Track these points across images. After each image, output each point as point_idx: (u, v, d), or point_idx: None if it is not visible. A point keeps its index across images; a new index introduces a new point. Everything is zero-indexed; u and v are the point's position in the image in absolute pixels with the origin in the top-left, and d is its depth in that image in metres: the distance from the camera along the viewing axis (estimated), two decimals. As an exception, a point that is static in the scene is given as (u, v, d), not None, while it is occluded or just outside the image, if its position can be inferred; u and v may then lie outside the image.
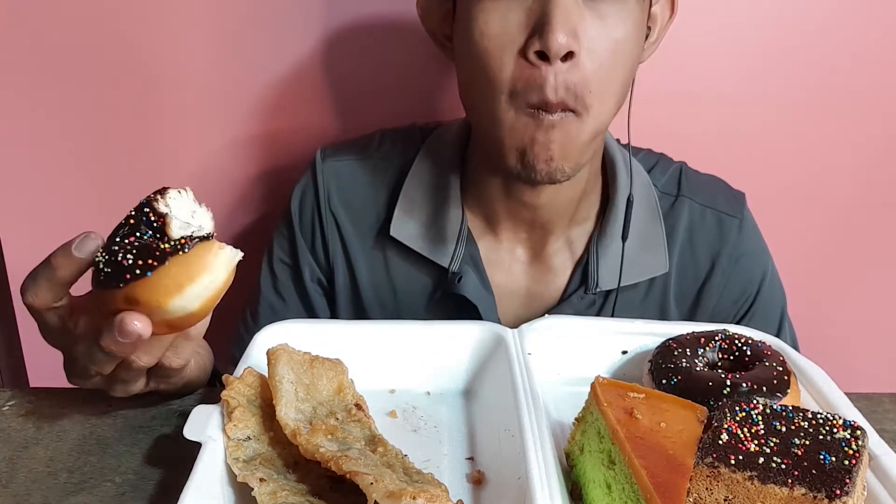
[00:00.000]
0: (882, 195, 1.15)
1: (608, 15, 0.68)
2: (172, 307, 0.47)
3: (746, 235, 0.87)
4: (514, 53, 0.68)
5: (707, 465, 0.46)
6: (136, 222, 0.49)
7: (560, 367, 0.68)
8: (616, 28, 0.68)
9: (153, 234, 0.49)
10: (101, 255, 0.49)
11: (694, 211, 0.87)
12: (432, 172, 0.85)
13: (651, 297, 0.85)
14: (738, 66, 1.06)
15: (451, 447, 0.59)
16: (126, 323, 0.48)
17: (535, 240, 0.84)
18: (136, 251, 0.47)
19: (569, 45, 0.66)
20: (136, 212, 0.50)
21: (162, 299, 0.47)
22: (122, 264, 0.46)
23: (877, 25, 1.05)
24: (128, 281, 0.46)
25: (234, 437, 0.53)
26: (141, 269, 0.46)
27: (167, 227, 0.48)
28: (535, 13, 0.67)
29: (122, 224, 0.50)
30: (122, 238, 0.49)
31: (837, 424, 0.49)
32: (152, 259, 0.46)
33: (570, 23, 0.66)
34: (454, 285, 0.81)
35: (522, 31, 0.68)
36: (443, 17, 0.78)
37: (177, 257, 0.47)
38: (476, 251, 0.84)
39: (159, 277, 0.46)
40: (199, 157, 1.10)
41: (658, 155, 0.92)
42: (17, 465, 0.59)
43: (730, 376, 0.59)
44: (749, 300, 0.87)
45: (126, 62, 1.05)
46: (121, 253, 0.47)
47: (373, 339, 0.67)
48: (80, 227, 1.17)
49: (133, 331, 0.48)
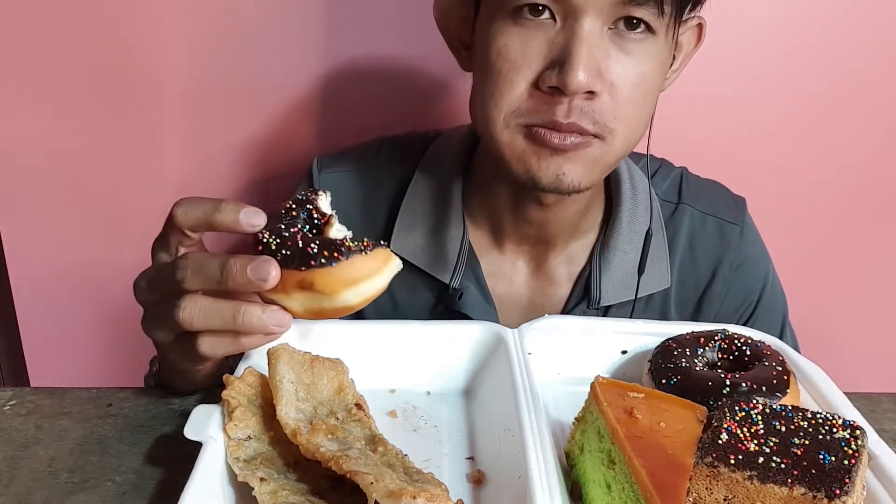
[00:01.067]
0: (881, 198, 1.15)
1: (635, 52, 0.67)
2: (340, 298, 0.53)
3: (747, 242, 0.87)
4: (528, 81, 0.67)
5: (707, 464, 0.46)
6: (297, 216, 0.56)
7: (560, 367, 0.68)
8: (643, 65, 0.67)
9: (310, 229, 0.55)
10: (269, 235, 0.53)
11: (695, 219, 0.86)
12: (433, 185, 0.84)
13: (652, 306, 0.85)
14: (739, 71, 1.07)
15: (451, 447, 0.59)
16: (266, 262, 0.52)
17: (538, 252, 0.84)
18: (320, 243, 0.52)
19: (589, 84, 0.65)
20: (296, 206, 0.57)
21: (336, 289, 0.53)
22: (306, 251, 0.52)
23: (876, 30, 1.05)
24: (311, 267, 0.52)
25: (235, 436, 0.53)
26: (326, 260, 0.52)
27: (329, 226, 0.56)
28: (558, 46, 0.65)
29: (284, 214, 0.56)
30: (286, 226, 0.54)
31: (837, 424, 0.49)
32: (338, 253, 0.52)
33: (594, 60, 0.65)
34: (455, 302, 0.81)
35: (541, 60, 0.66)
36: (461, 22, 0.76)
37: (359, 256, 0.53)
38: (477, 265, 0.83)
39: (340, 270, 0.52)
40: (195, 162, 1.10)
41: (659, 161, 0.91)
42: (18, 464, 0.59)
43: (729, 376, 0.59)
44: (751, 307, 0.87)
45: (125, 65, 1.05)
46: (300, 240, 0.53)
47: (373, 339, 0.67)
48: (79, 227, 1.18)
49: (268, 270, 0.51)
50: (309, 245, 0.53)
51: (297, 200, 0.58)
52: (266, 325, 0.54)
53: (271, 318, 0.53)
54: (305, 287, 0.53)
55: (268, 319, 0.53)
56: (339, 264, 0.52)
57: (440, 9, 0.77)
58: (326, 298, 0.53)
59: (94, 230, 1.13)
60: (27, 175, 1.10)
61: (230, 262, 0.53)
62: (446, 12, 0.77)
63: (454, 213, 0.82)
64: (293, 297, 0.54)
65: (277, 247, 0.53)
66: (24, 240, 1.13)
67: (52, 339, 1.20)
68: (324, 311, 0.54)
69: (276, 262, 0.53)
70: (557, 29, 0.66)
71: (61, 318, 1.18)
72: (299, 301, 0.54)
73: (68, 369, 1.21)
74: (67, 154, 1.09)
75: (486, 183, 0.82)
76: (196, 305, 0.54)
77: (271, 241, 0.53)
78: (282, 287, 0.53)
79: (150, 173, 1.11)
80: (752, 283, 0.87)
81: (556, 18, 0.66)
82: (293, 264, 0.52)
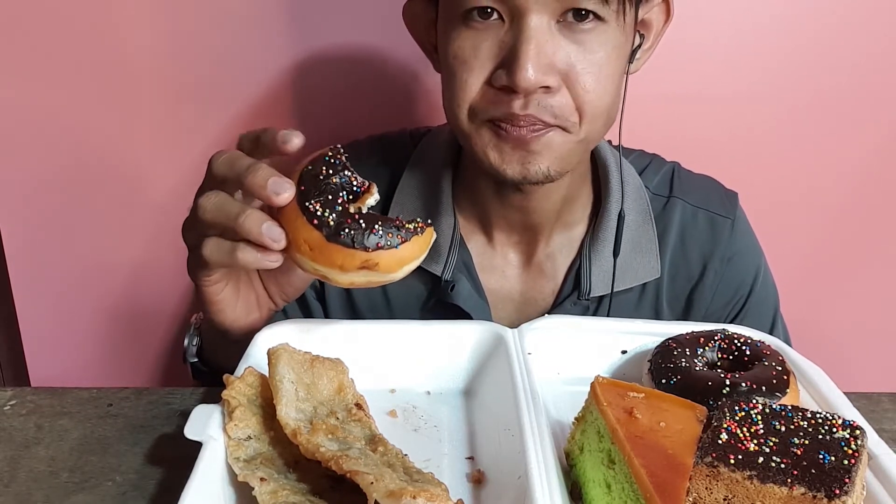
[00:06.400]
0: (878, 194, 1.15)
1: (587, 41, 0.67)
2: (394, 275, 0.56)
3: (738, 235, 0.87)
4: (482, 81, 0.69)
5: (706, 464, 0.46)
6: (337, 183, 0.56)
7: (560, 367, 0.68)
8: (596, 53, 0.68)
9: (347, 194, 0.56)
10: (322, 209, 0.54)
11: (686, 212, 0.86)
12: (423, 179, 0.85)
13: (644, 300, 0.85)
14: (733, 68, 1.07)
15: (451, 447, 0.59)
16: (286, 182, 0.54)
17: (528, 243, 0.84)
18: (382, 224, 0.55)
19: (540, 80, 0.66)
20: (332, 171, 0.56)
21: (395, 268, 0.56)
22: (372, 232, 0.54)
23: (871, 28, 1.06)
24: (378, 248, 0.54)
25: (235, 436, 0.53)
26: (390, 242, 0.55)
27: (369, 194, 0.57)
28: (507, 46, 0.67)
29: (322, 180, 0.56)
30: (332, 197, 0.55)
31: (836, 424, 0.49)
32: (401, 236, 0.55)
33: (544, 56, 0.66)
34: (447, 294, 0.81)
35: (493, 61, 0.68)
36: (428, 26, 0.77)
37: (416, 237, 0.56)
38: (469, 257, 0.83)
39: (402, 251, 0.55)
40: (195, 162, 1.10)
41: (651, 156, 0.92)
42: (19, 464, 0.59)
43: (729, 376, 0.59)
44: (742, 300, 0.87)
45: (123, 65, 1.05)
46: (361, 220, 0.54)
47: (373, 339, 0.67)
48: (79, 226, 1.18)
49: (284, 188, 0.54)
50: (373, 226, 0.54)
51: (330, 164, 0.57)
52: (261, 234, 0.54)
53: (269, 230, 0.54)
54: (370, 267, 0.55)
55: (265, 230, 0.54)
56: (403, 246, 0.55)
57: (409, 14, 0.80)
58: (382, 276, 0.56)
59: (95, 230, 1.13)
60: (27, 175, 1.10)
61: (257, 164, 0.55)
62: (414, 17, 0.79)
63: (444, 206, 0.83)
64: (348, 273, 0.55)
65: (337, 224, 0.54)
66: (24, 239, 1.13)
67: (52, 339, 1.20)
68: (370, 283, 0.57)
69: (293, 186, 0.55)
70: (506, 29, 0.67)
71: (61, 318, 1.18)
72: (351, 277, 0.56)
73: (68, 369, 1.21)
74: (67, 154, 1.09)
75: (472, 175, 0.83)
76: (216, 197, 0.57)
77: (327, 216, 0.54)
78: (341, 264, 0.55)
79: (150, 174, 1.11)
80: (743, 277, 0.87)
81: (504, 19, 0.67)
82: (359, 244, 0.54)
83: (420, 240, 0.57)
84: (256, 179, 0.55)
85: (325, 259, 0.55)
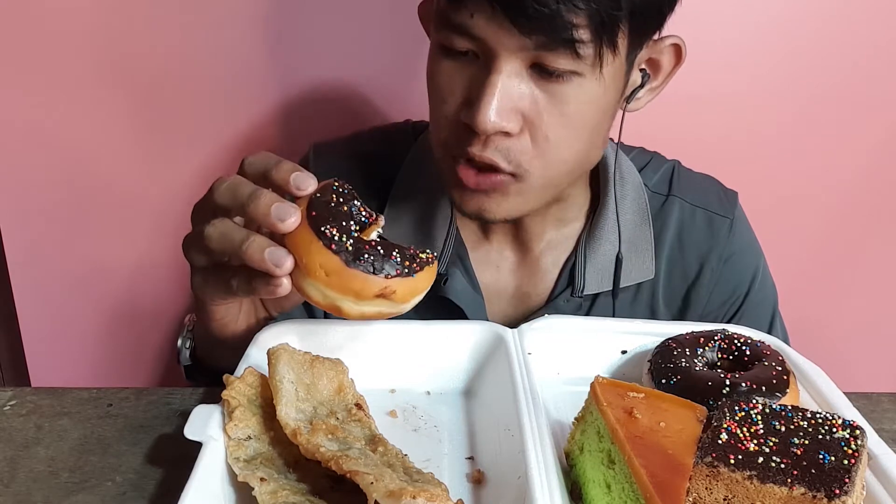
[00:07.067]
0: (878, 194, 1.15)
1: (558, 93, 0.66)
2: (405, 305, 0.56)
3: (737, 235, 0.87)
4: (451, 112, 0.68)
5: (706, 464, 0.46)
6: (349, 212, 0.56)
7: (560, 367, 0.68)
8: (567, 105, 0.66)
9: (355, 224, 0.56)
10: (339, 235, 0.54)
11: (684, 211, 0.86)
12: (422, 171, 0.85)
13: (640, 299, 0.85)
14: (733, 68, 1.07)
15: (451, 447, 0.59)
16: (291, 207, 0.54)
17: (523, 239, 0.84)
18: (399, 253, 0.55)
19: (500, 125, 0.64)
20: (342, 200, 0.56)
21: (408, 297, 0.56)
22: (391, 259, 0.54)
23: (871, 28, 1.06)
24: (396, 276, 0.54)
25: (235, 436, 0.53)
26: (408, 270, 0.55)
27: (376, 225, 0.57)
28: (478, 83, 0.65)
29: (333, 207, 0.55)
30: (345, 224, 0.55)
31: (836, 424, 0.49)
32: (417, 265, 0.56)
33: (509, 100, 0.64)
34: (440, 287, 0.81)
35: (462, 94, 0.67)
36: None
37: (429, 267, 0.57)
38: (464, 251, 0.83)
39: (416, 280, 0.56)
40: (195, 162, 1.10)
41: (651, 153, 0.92)
42: (18, 464, 0.59)
43: (729, 376, 0.59)
44: (739, 299, 0.87)
45: (125, 65, 1.05)
46: (380, 248, 0.54)
47: (373, 339, 0.67)
48: (80, 227, 1.18)
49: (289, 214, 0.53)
50: (391, 253, 0.55)
51: (339, 193, 0.57)
52: (265, 260, 0.53)
53: (272, 256, 0.53)
54: (386, 295, 0.54)
55: (268, 255, 0.54)
56: (418, 275, 0.55)
57: (423, 13, 0.79)
58: (395, 305, 0.56)
59: (95, 230, 1.13)
60: (28, 175, 1.10)
61: (259, 191, 0.55)
62: (428, 15, 0.79)
63: (442, 200, 0.83)
64: (361, 303, 0.55)
65: (356, 250, 0.54)
66: (24, 240, 1.13)
67: (52, 339, 1.20)
68: (381, 315, 0.57)
69: (298, 210, 0.54)
70: (480, 66, 0.66)
71: (61, 318, 1.19)
72: (363, 307, 0.55)
73: (68, 369, 1.21)
74: (68, 154, 1.09)
75: None
76: (221, 225, 0.56)
77: (345, 241, 0.54)
78: (358, 290, 0.54)
79: (151, 174, 1.11)
80: (741, 276, 0.87)
81: (478, 55, 0.66)
82: (378, 271, 0.54)
83: (430, 270, 0.57)
84: (260, 207, 0.54)
85: (342, 285, 0.54)
